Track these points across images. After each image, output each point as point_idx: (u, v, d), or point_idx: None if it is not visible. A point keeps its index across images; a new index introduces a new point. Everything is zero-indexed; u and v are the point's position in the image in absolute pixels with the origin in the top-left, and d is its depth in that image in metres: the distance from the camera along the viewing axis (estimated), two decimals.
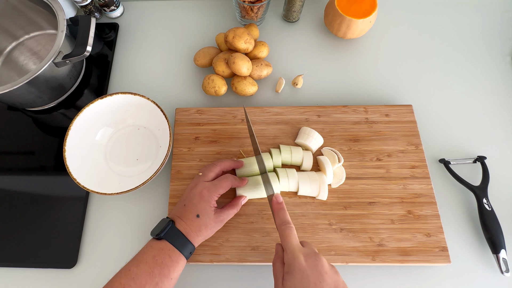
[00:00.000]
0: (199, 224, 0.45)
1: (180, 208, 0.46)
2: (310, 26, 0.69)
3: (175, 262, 0.42)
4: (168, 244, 0.43)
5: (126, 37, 0.69)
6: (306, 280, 0.35)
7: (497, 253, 0.48)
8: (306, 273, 0.35)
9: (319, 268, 0.36)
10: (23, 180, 0.57)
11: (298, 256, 0.37)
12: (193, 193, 0.46)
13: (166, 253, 0.42)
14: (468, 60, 0.64)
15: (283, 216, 0.42)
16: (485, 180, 0.52)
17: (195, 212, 0.45)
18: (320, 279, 0.35)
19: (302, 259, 0.37)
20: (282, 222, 0.41)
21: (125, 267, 0.42)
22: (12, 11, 0.61)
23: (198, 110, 0.58)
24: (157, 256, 0.42)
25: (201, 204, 0.45)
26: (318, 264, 0.36)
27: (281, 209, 0.43)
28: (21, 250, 0.52)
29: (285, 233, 0.40)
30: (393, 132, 0.56)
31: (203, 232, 0.45)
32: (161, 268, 0.41)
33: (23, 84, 0.51)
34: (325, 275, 0.35)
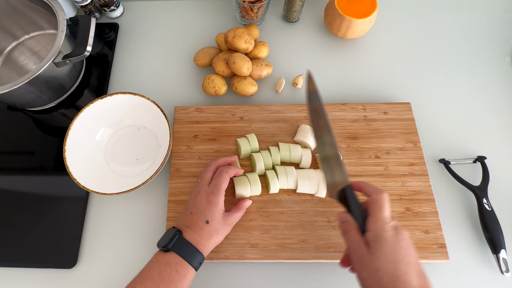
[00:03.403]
0: (209, 231, 0.44)
1: (187, 216, 0.45)
2: (310, 26, 0.69)
3: (183, 276, 0.40)
4: (176, 257, 0.41)
5: (126, 37, 0.69)
6: (397, 252, 0.35)
7: (497, 253, 0.48)
8: (396, 245, 0.36)
9: (405, 242, 0.36)
10: (23, 180, 0.57)
11: (388, 228, 0.37)
12: (198, 200, 0.45)
13: (173, 267, 0.40)
14: (468, 60, 0.64)
15: (374, 186, 0.42)
16: (485, 180, 0.52)
17: (204, 219, 0.44)
18: (409, 255, 0.35)
19: (391, 231, 0.36)
20: (376, 189, 0.41)
21: (130, 284, 0.40)
22: (12, 11, 0.61)
23: (197, 108, 0.59)
24: (164, 272, 0.40)
25: (209, 210, 0.44)
26: (405, 238, 0.36)
27: (368, 185, 0.42)
28: (21, 250, 0.52)
29: (384, 202, 0.38)
30: (392, 130, 0.56)
31: (213, 239, 0.44)
32: (168, 285, 0.39)
33: (23, 84, 0.51)
34: (410, 249, 0.36)
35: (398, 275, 0.34)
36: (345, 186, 0.41)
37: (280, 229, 0.50)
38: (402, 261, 0.35)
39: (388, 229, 0.36)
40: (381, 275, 0.35)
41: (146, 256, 0.51)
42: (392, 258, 0.35)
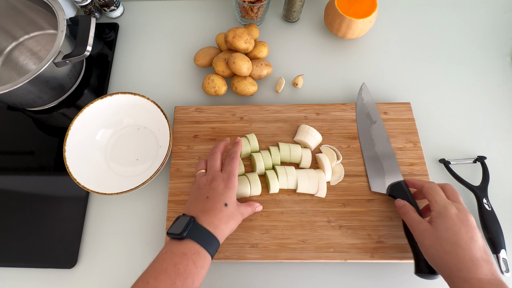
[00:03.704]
0: (227, 214, 0.42)
1: (201, 201, 0.43)
2: (310, 26, 0.69)
3: (200, 267, 0.38)
4: (192, 246, 0.38)
5: (126, 37, 0.69)
6: (458, 227, 0.38)
7: (497, 253, 0.48)
8: (459, 227, 0.39)
9: (470, 222, 0.39)
10: (23, 180, 0.57)
11: (451, 207, 0.40)
12: (215, 185, 0.44)
13: (189, 258, 0.37)
14: (468, 60, 0.64)
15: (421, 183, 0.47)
16: (485, 180, 0.52)
17: (223, 202, 0.42)
18: (473, 235, 0.38)
19: (454, 209, 0.40)
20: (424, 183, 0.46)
21: (142, 279, 0.37)
22: (12, 11, 0.61)
23: (197, 108, 0.59)
24: (180, 264, 0.37)
25: (227, 193, 0.43)
26: (470, 219, 0.39)
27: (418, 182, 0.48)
28: (21, 250, 0.52)
29: (431, 189, 0.44)
30: (392, 130, 0.56)
31: (230, 224, 0.42)
32: (185, 279, 0.36)
33: (23, 84, 0.51)
34: (476, 231, 0.39)
35: (459, 244, 0.37)
36: (401, 180, 0.50)
37: (280, 229, 0.50)
38: (465, 234, 0.38)
39: (451, 207, 0.40)
40: (443, 243, 0.38)
41: (146, 256, 0.51)
42: (454, 231, 0.38)
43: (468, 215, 0.40)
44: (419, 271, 0.44)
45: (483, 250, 0.38)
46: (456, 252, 0.37)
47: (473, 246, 0.38)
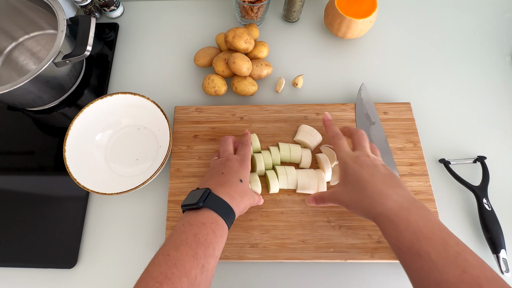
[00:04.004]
0: (243, 189, 0.42)
1: (217, 176, 0.43)
2: (310, 26, 0.69)
3: (219, 236, 0.37)
4: (210, 214, 0.38)
5: (126, 37, 0.69)
6: (359, 177, 0.40)
7: (497, 253, 0.48)
8: (358, 172, 0.41)
9: (368, 162, 0.41)
10: (23, 180, 0.57)
11: (349, 159, 0.42)
12: (229, 164, 0.45)
13: (209, 227, 0.37)
14: (468, 60, 0.64)
15: (334, 129, 0.47)
16: (485, 180, 0.52)
17: (238, 177, 0.43)
18: (373, 171, 0.40)
19: (352, 162, 0.41)
20: (333, 135, 0.46)
21: (162, 252, 0.36)
22: (12, 11, 0.61)
23: (197, 108, 0.59)
24: (200, 234, 0.36)
25: (242, 171, 0.44)
26: (366, 160, 0.41)
27: (331, 124, 0.48)
28: (21, 250, 0.52)
29: (337, 143, 0.45)
30: (392, 130, 0.56)
31: (245, 200, 0.42)
32: (206, 248, 0.36)
33: (23, 84, 0.51)
34: (377, 166, 0.40)
35: (364, 186, 0.39)
36: None
37: (280, 229, 0.50)
38: (365, 175, 0.40)
39: (350, 158, 0.43)
40: (353, 194, 0.41)
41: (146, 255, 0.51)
42: (356, 178, 0.40)
43: (364, 157, 0.42)
44: None
45: (387, 179, 0.40)
46: (365, 193, 0.39)
47: (375, 180, 0.39)
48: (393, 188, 0.39)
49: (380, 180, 0.40)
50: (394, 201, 0.38)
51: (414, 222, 0.36)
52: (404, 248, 0.35)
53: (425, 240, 0.34)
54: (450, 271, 0.32)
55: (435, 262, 0.33)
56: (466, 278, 0.31)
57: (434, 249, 0.33)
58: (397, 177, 0.41)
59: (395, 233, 0.36)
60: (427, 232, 0.35)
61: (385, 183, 0.39)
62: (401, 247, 0.36)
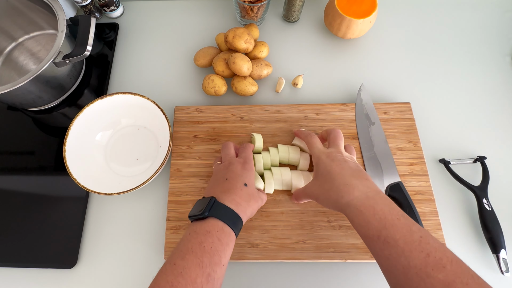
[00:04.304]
0: (248, 193, 0.42)
1: (221, 183, 0.43)
2: (310, 26, 0.69)
3: (226, 244, 0.37)
4: (216, 223, 0.38)
5: (126, 37, 0.69)
6: (329, 169, 0.42)
7: (497, 253, 0.48)
8: (329, 165, 0.42)
9: (339, 157, 0.42)
10: (23, 180, 0.57)
11: (321, 156, 0.44)
12: (232, 168, 0.45)
13: (214, 235, 0.37)
14: (468, 59, 0.64)
15: (305, 131, 0.49)
16: (485, 180, 0.52)
17: (242, 182, 0.43)
18: (343, 165, 0.42)
19: (324, 157, 0.43)
20: (306, 134, 0.48)
21: (169, 261, 0.36)
22: (12, 11, 0.61)
23: (197, 108, 0.59)
24: (205, 242, 0.36)
25: (246, 174, 0.44)
26: (338, 156, 0.43)
27: (301, 130, 0.51)
28: (21, 250, 0.52)
29: (310, 141, 0.47)
30: (392, 130, 0.56)
31: (251, 203, 0.42)
32: (211, 256, 0.36)
33: (23, 84, 0.51)
34: (347, 162, 0.42)
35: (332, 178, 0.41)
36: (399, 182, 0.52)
37: (280, 229, 0.50)
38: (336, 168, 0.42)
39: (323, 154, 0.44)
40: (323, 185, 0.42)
41: (146, 256, 0.51)
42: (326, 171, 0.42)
43: (336, 153, 0.43)
44: None
45: (355, 172, 0.41)
46: (334, 185, 0.40)
47: (344, 172, 0.41)
48: (360, 180, 0.40)
49: (349, 173, 0.41)
50: (360, 191, 0.39)
51: (380, 211, 0.37)
52: (373, 237, 0.36)
53: (391, 227, 0.35)
54: (416, 256, 0.33)
55: (402, 248, 0.34)
56: (431, 261, 0.32)
57: (400, 235, 0.35)
58: (365, 172, 0.42)
59: (364, 222, 0.37)
60: (392, 219, 0.36)
61: (353, 175, 0.41)
62: (370, 236, 0.37)
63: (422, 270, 0.32)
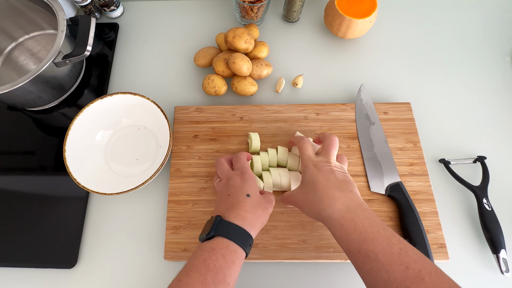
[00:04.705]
0: (252, 204, 0.41)
1: (225, 200, 0.43)
2: (310, 26, 0.69)
3: (231, 262, 0.37)
4: (221, 240, 0.38)
5: (126, 37, 0.69)
6: (315, 179, 0.41)
7: (497, 253, 0.48)
8: (315, 175, 0.42)
9: (326, 168, 0.42)
10: (23, 180, 0.57)
11: (310, 162, 0.43)
12: (232, 182, 0.44)
13: (218, 253, 0.37)
14: (468, 60, 0.64)
15: (298, 136, 0.49)
16: (485, 180, 0.52)
17: (244, 193, 0.42)
18: (329, 176, 0.41)
19: (311, 166, 0.43)
20: (299, 139, 0.48)
21: (176, 278, 0.36)
22: (12, 11, 0.61)
23: (197, 108, 0.59)
24: (209, 260, 0.36)
25: (246, 184, 0.43)
26: (325, 166, 0.43)
27: (295, 136, 0.50)
28: (21, 250, 0.52)
29: (301, 146, 0.46)
30: (392, 130, 0.56)
31: (259, 213, 0.41)
32: (215, 274, 0.35)
33: (23, 84, 0.51)
34: (334, 172, 0.42)
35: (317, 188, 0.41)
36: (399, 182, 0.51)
37: (280, 229, 0.50)
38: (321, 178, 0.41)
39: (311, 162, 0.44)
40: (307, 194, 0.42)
41: (146, 256, 0.51)
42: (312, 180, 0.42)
43: (324, 162, 0.43)
44: None
45: (341, 184, 0.41)
46: (316, 196, 0.40)
47: (328, 184, 0.40)
48: (344, 192, 0.40)
49: (333, 184, 0.41)
50: (342, 203, 0.39)
51: (361, 224, 0.37)
52: (354, 251, 0.36)
53: (372, 240, 0.35)
54: (396, 269, 0.33)
55: (382, 262, 0.34)
56: (410, 274, 0.32)
57: (380, 249, 0.35)
58: (351, 183, 0.42)
59: (345, 236, 0.37)
60: (372, 232, 0.36)
61: (337, 187, 0.40)
62: (351, 250, 0.37)
63: (402, 284, 0.32)
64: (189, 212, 0.52)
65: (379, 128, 0.56)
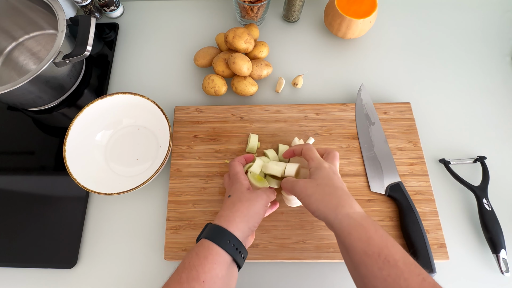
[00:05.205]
0: (232, 201, 0.42)
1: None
2: (310, 26, 0.69)
3: (203, 258, 0.37)
4: (200, 241, 0.39)
5: (126, 37, 0.69)
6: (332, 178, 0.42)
7: (497, 253, 0.48)
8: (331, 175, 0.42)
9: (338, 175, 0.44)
10: (23, 180, 0.57)
11: (325, 163, 0.44)
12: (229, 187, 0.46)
13: (193, 251, 0.38)
14: (468, 60, 0.64)
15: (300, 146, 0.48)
16: (485, 180, 0.52)
17: (227, 195, 0.44)
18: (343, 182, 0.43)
19: (327, 166, 0.43)
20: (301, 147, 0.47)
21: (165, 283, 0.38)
22: (12, 11, 0.61)
23: (197, 108, 0.59)
24: (186, 259, 0.38)
25: (231, 188, 0.45)
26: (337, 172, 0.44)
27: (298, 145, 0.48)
28: (21, 250, 0.52)
29: (310, 148, 0.46)
30: (392, 130, 0.56)
31: (237, 207, 0.41)
32: (189, 271, 0.36)
33: (23, 84, 0.51)
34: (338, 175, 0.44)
35: (336, 186, 0.41)
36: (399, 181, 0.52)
37: (280, 229, 0.50)
38: (337, 180, 0.42)
39: (325, 163, 0.44)
40: (323, 187, 0.41)
41: (146, 256, 0.51)
42: (329, 177, 0.42)
43: (335, 168, 0.45)
44: None
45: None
46: (336, 192, 0.40)
47: (345, 187, 0.42)
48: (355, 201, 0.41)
49: (347, 190, 0.41)
50: (360, 209, 0.39)
51: (380, 229, 0.37)
52: (373, 254, 0.35)
53: (393, 246, 0.35)
54: (414, 279, 0.32)
55: (402, 270, 0.33)
56: (426, 286, 0.32)
57: (400, 256, 0.34)
58: None
59: (365, 237, 0.36)
60: (392, 240, 0.36)
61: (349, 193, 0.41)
62: (370, 253, 0.35)
63: None
64: (189, 212, 0.52)
65: (379, 128, 0.56)
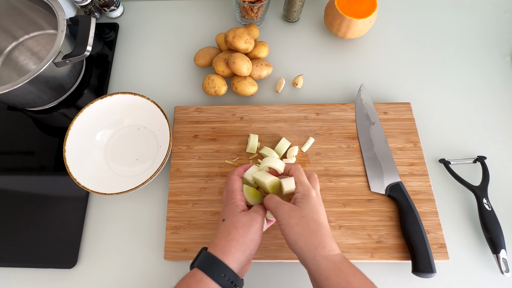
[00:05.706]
0: (226, 226, 0.40)
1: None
2: (310, 26, 0.69)
3: None
4: (193, 271, 0.38)
5: (126, 37, 0.69)
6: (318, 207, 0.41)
7: (497, 253, 0.48)
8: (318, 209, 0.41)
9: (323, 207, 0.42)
10: (23, 180, 0.57)
11: (312, 190, 0.42)
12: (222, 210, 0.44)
13: (185, 282, 0.37)
14: (467, 60, 0.64)
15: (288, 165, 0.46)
16: (485, 180, 0.52)
17: (221, 220, 0.41)
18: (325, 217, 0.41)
19: (315, 195, 0.42)
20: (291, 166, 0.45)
21: None
22: (12, 11, 0.61)
23: (197, 108, 0.59)
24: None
25: (225, 209, 0.42)
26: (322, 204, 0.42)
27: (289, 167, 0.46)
28: (21, 250, 0.52)
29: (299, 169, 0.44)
30: (392, 130, 0.56)
31: (232, 235, 0.39)
32: None
33: (23, 84, 0.51)
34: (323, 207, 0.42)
35: (321, 222, 0.39)
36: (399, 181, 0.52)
37: None
38: (323, 215, 0.41)
39: (313, 190, 0.42)
40: (308, 221, 0.39)
41: (146, 256, 0.51)
42: (316, 210, 0.40)
43: (320, 198, 0.43)
44: (416, 270, 0.45)
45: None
46: (320, 231, 0.39)
47: (327, 225, 0.40)
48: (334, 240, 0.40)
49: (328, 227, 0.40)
50: (338, 250, 0.38)
51: (358, 273, 0.36)
52: None
53: None
54: None
55: None
56: None
57: None
58: None
59: (344, 282, 0.35)
60: (370, 283, 0.36)
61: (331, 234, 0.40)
62: None
63: None
64: (189, 212, 0.52)
65: (379, 128, 0.56)
